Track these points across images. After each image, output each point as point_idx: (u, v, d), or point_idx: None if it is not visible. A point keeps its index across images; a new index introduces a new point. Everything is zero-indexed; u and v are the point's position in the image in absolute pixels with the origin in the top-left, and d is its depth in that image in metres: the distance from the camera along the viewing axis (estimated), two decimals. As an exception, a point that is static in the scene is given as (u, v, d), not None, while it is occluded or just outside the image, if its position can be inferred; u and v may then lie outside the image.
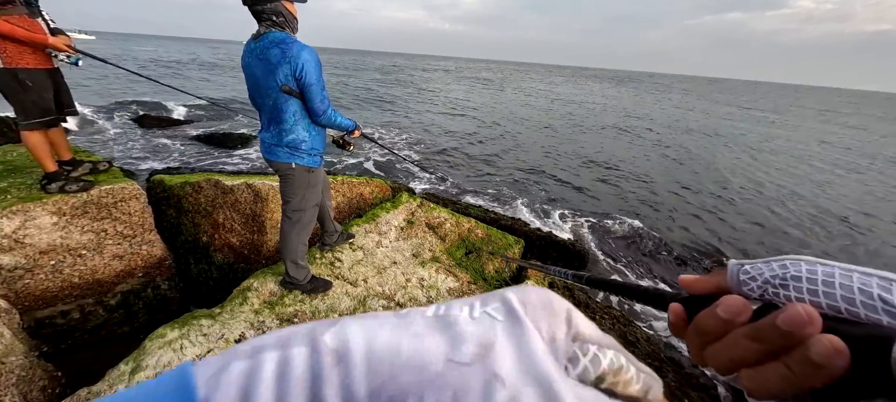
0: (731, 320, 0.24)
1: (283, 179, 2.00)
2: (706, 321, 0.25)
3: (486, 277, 3.05)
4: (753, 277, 0.25)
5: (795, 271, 0.23)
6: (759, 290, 0.25)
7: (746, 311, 0.24)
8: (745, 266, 0.26)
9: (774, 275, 0.24)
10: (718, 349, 0.24)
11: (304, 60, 1.71)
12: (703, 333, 0.25)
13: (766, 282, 0.24)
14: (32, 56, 2.20)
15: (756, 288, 0.25)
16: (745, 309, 0.24)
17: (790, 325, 0.20)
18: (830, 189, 9.74)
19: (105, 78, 18.07)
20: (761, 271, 0.25)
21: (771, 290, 0.24)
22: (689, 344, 0.27)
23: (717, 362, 0.25)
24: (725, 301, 0.24)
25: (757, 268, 0.25)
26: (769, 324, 0.21)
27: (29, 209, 2.25)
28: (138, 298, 2.72)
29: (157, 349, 1.74)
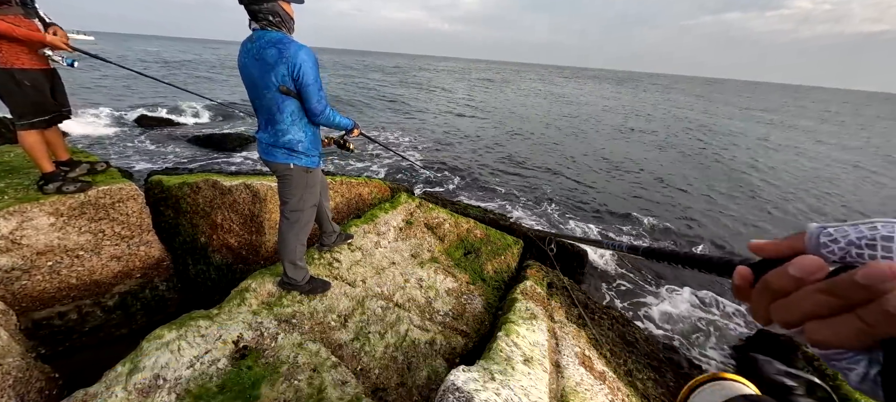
0: (804, 279, 0.23)
1: (281, 179, 2.00)
2: (777, 279, 0.25)
3: (485, 277, 3.04)
4: (836, 239, 0.24)
5: (887, 232, 0.23)
6: (840, 252, 0.24)
7: (821, 270, 0.23)
8: (828, 228, 0.25)
9: (861, 236, 0.23)
10: (787, 302, 0.24)
11: (302, 60, 1.70)
12: (772, 290, 0.25)
13: (851, 243, 0.24)
14: (28, 56, 2.19)
15: (837, 250, 0.24)
16: (820, 268, 0.23)
17: (871, 279, 0.20)
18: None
19: (104, 78, 18.05)
20: (846, 232, 0.24)
21: (855, 251, 0.23)
22: (753, 303, 0.27)
23: (783, 315, 0.24)
24: (799, 260, 0.24)
25: (841, 230, 0.25)
26: (847, 279, 0.21)
27: (26, 210, 2.24)
28: (136, 299, 2.72)
29: (155, 351, 1.73)
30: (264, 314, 2.12)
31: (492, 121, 16.55)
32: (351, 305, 2.36)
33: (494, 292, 2.91)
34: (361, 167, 8.49)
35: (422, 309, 2.51)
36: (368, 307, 2.37)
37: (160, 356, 1.71)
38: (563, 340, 2.28)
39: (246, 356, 1.83)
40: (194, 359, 1.74)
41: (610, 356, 2.46)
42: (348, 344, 2.11)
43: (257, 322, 2.04)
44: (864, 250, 0.23)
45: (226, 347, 1.84)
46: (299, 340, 1.97)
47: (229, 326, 1.96)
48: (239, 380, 1.69)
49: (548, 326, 2.35)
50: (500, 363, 1.75)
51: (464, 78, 48.60)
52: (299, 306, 2.24)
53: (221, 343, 1.85)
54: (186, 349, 1.77)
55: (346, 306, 2.35)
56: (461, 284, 2.84)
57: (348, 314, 2.29)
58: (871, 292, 0.20)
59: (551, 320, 2.46)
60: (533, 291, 2.68)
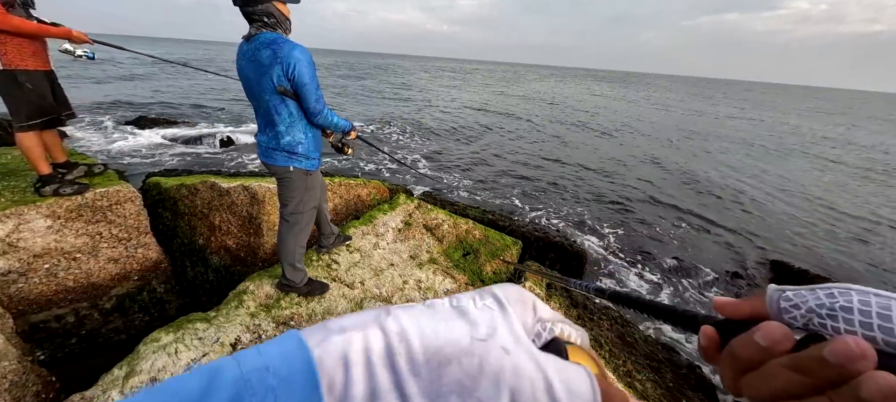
0: (771, 349, 0.22)
1: (281, 182, 1.99)
2: (743, 348, 0.24)
3: (484, 278, 3.04)
4: (796, 304, 0.23)
5: (845, 302, 0.21)
6: (802, 319, 0.23)
7: (788, 340, 0.22)
8: (787, 293, 0.24)
9: (820, 304, 0.22)
10: (756, 378, 0.23)
11: (296, 60, 1.69)
12: (739, 360, 0.24)
13: (811, 311, 0.22)
14: (32, 58, 2.19)
15: (799, 317, 0.23)
16: (786, 338, 0.22)
17: (839, 358, 0.19)
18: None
19: (101, 79, 18.01)
20: (805, 299, 0.23)
21: (816, 320, 0.22)
22: (722, 371, 0.26)
23: (754, 392, 0.23)
24: (765, 328, 0.23)
25: (800, 295, 0.23)
26: (815, 356, 0.20)
27: (23, 212, 2.23)
28: (134, 301, 2.71)
29: (152, 354, 1.73)
30: (262, 317, 2.11)
31: (489, 121, 16.56)
32: (349, 307, 2.36)
33: (493, 293, 2.91)
34: (360, 168, 8.49)
35: (420, 311, 2.51)
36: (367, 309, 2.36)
37: (157, 359, 1.71)
38: (562, 341, 2.28)
39: (244, 359, 1.82)
40: (192, 362, 1.73)
41: (609, 357, 2.46)
42: (347, 346, 2.10)
43: (255, 325, 2.03)
44: (827, 321, 0.22)
45: (223, 350, 1.84)
46: (297, 342, 1.96)
47: (227, 328, 1.95)
48: (237, 383, 1.69)
49: (547, 327, 2.34)
50: (498, 365, 1.75)
51: (461, 79, 48.64)
52: (298, 309, 2.24)
53: (219, 346, 1.84)
54: (184, 352, 1.77)
55: (345, 307, 2.34)
56: (460, 285, 2.84)
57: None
58: (840, 373, 0.19)
59: (550, 322, 2.46)
60: (531, 292, 2.67)
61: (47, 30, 2.17)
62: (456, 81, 43.20)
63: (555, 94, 34.92)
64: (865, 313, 0.21)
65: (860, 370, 0.19)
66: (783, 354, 0.22)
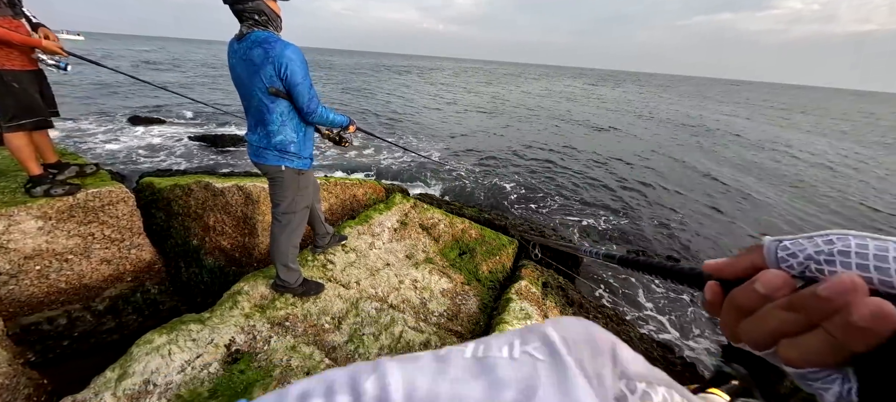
0: (770, 296, 0.23)
1: (272, 182, 1.98)
2: (743, 296, 0.25)
3: (480, 277, 3.04)
4: (793, 253, 0.24)
5: (843, 246, 0.22)
6: (799, 267, 0.23)
7: (787, 286, 0.23)
8: (785, 242, 0.25)
9: (819, 251, 0.23)
10: (753, 321, 0.24)
11: (288, 59, 1.67)
12: (739, 308, 0.25)
13: (809, 258, 0.23)
14: (19, 58, 2.16)
15: (796, 265, 0.24)
16: (786, 283, 0.23)
17: (831, 292, 0.20)
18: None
19: (95, 78, 17.83)
20: (803, 247, 0.24)
21: (813, 266, 0.23)
22: (722, 320, 0.27)
23: (752, 335, 0.24)
24: (764, 275, 0.24)
25: (798, 244, 0.24)
26: (809, 293, 0.21)
27: (13, 214, 2.20)
28: (127, 303, 2.68)
29: (145, 355, 1.71)
30: (257, 317, 2.10)
31: (487, 120, 16.56)
32: (345, 307, 2.35)
33: (489, 292, 2.91)
34: (358, 167, 8.46)
35: (416, 310, 2.51)
36: (363, 309, 2.36)
37: (150, 360, 1.69)
38: (558, 340, 2.29)
39: (238, 360, 1.81)
40: (185, 364, 1.72)
41: (604, 356, 2.47)
42: (342, 347, 2.09)
43: (250, 325, 2.02)
44: (824, 266, 0.22)
45: (217, 351, 1.82)
46: (292, 343, 1.96)
47: (221, 329, 1.94)
48: (231, 384, 1.68)
49: (542, 326, 2.35)
50: (494, 364, 1.75)
51: (458, 77, 48.62)
52: (292, 309, 2.23)
53: (213, 347, 1.83)
54: (177, 354, 1.75)
55: (340, 308, 2.33)
56: (456, 284, 2.84)
57: (342, 316, 2.28)
58: (834, 306, 0.20)
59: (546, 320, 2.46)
60: (527, 291, 2.68)
61: (10, 36, 2.04)
62: (452, 79, 43.18)
63: (550, 92, 34.99)
64: (862, 255, 0.21)
65: (851, 301, 0.19)
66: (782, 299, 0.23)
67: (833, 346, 0.20)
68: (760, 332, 0.23)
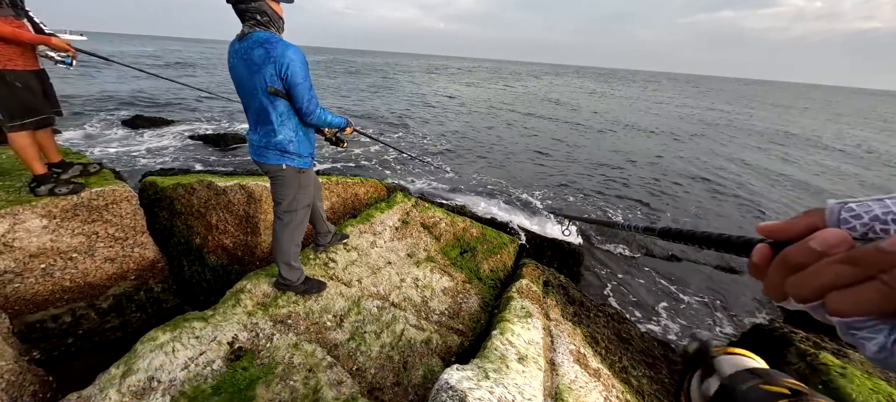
0: (826, 252, 0.23)
1: (274, 180, 1.99)
2: (797, 253, 0.25)
3: (481, 276, 3.05)
4: (858, 214, 0.24)
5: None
6: (862, 228, 0.23)
7: (845, 243, 0.23)
8: (850, 204, 0.24)
9: (887, 212, 0.23)
10: (805, 275, 0.24)
11: (289, 60, 1.68)
12: (791, 265, 0.25)
13: (876, 219, 0.23)
14: (21, 58, 2.17)
15: (859, 226, 0.23)
16: (844, 241, 0.23)
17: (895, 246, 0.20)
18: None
19: (96, 79, 17.89)
20: (870, 208, 0.23)
21: (879, 227, 0.23)
22: (769, 279, 0.27)
23: (801, 289, 0.24)
24: (823, 233, 0.24)
25: (864, 206, 0.24)
26: (872, 248, 0.21)
27: (18, 212, 2.22)
28: (131, 301, 2.70)
29: (149, 353, 1.73)
30: (259, 315, 2.11)
31: (488, 119, 16.55)
32: (347, 305, 2.36)
33: (490, 290, 2.92)
34: (358, 167, 8.48)
35: (418, 308, 2.52)
36: (364, 307, 2.37)
37: (154, 357, 1.71)
38: (558, 338, 2.30)
39: (241, 358, 1.83)
40: (189, 361, 1.74)
41: (605, 354, 2.47)
42: (344, 344, 2.11)
43: (252, 323, 2.03)
44: (890, 226, 0.22)
45: (220, 348, 1.84)
46: (295, 340, 1.97)
47: (224, 327, 1.96)
48: (234, 381, 1.69)
49: (543, 324, 2.36)
50: (494, 362, 1.76)
51: (458, 76, 48.57)
52: (295, 307, 2.24)
53: (216, 345, 1.85)
54: (181, 351, 1.77)
55: (342, 306, 2.35)
56: (457, 283, 2.85)
57: (344, 315, 2.29)
58: (894, 261, 0.20)
59: (546, 319, 2.47)
60: (528, 289, 2.69)
61: (19, 34, 2.08)
62: (453, 78, 43.13)
63: (550, 90, 34.92)
64: None
65: None
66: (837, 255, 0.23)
67: (887, 296, 0.20)
68: (811, 285, 0.23)
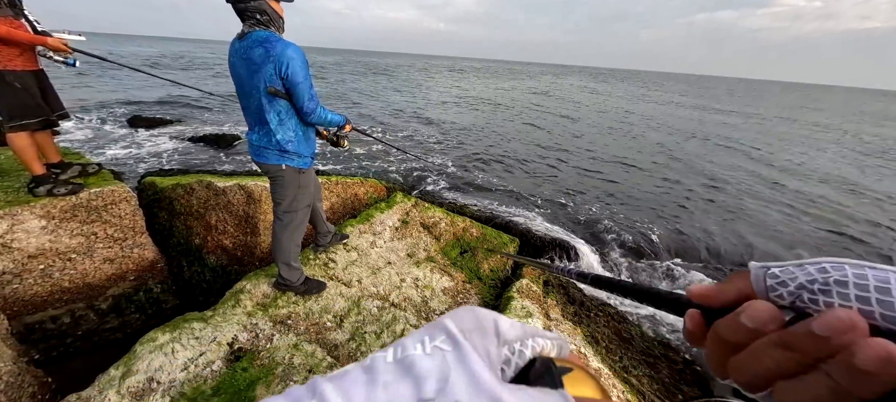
0: (758, 330, 0.21)
1: (273, 181, 1.99)
2: (728, 329, 0.22)
3: (481, 276, 3.05)
4: (783, 281, 0.22)
5: (839, 276, 0.20)
6: (790, 297, 0.22)
7: (776, 320, 0.21)
8: (773, 269, 0.22)
9: (812, 280, 0.21)
10: (744, 359, 0.22)
11: (289, 59, 1.67)
12: (724, 343, 0.23)
13: (801, 288, 0.21)
14: (20, 58, 2.17)
15: (787, 294, 0.22)
16: (774, 317, 0.21)
17: (828, 330, 0.18)
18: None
19: (95, 78, 17.86)
20: (794, 275, 0.22)
21: (806, 296, 0.21)
22: (707, 355, 0.24)
23: (743, 375, 0.22)
24: (752, 307, 0.21)
25: (788, 271, 0.22)
26: (803, 331, 0.19)
27: (16, 213, 2.22)
28: (130, 301, 2.70)
29: (148, 354, 1.72)
30: (259, 316, 2.11)
31: (488, 118, 16.55)
32: (347, 305, 2.36)
33: (490, 290, 2.91)
34: (357, 167, 8.47)
35: (418, 309, 2.51)
36: (364, 308, 2.37)
37: (154, 358, 1.70)
38: (559, 338, 2.29)
39: (241, 358, 1.82)
40: (188, 361, 1.73)
41: (605, 354, 2.47)
42: (344, 345, 2.10)
43: (252, 324, 2.03)
44: (818, 296, 0.20)
45: (220, 349, 1.83)
46: (295, 341, 1.97)
47: (224, 328, 1.95)
48: (233, 382, 1.69)
49: (543, 324, 2.35)
50: (495, 362, 1.75)
51: (459, 76, 48.58)
52: (294, 307, 2.24)
53: (216, 345, 1.84)
54: (180, 352, 1.76)
55: (342, 306, 2.34)
56: (457, 283, 2.84)
57: (344, 315, 2.29)
58: (833, 346, 0.18)
59: (547, 318, 2.47)
60: (528, 289, 2.68)
61: (14, 34, 2.07)
62: (452, 78, 43.14)
63: (550, 90, 34.94)
64: (862, 286, 0.19)
65: (852, 341, 0.18)
66: (771, 334, 0.21)
67: (836, 391, 0.18)
68: (752, 371, 0.21)
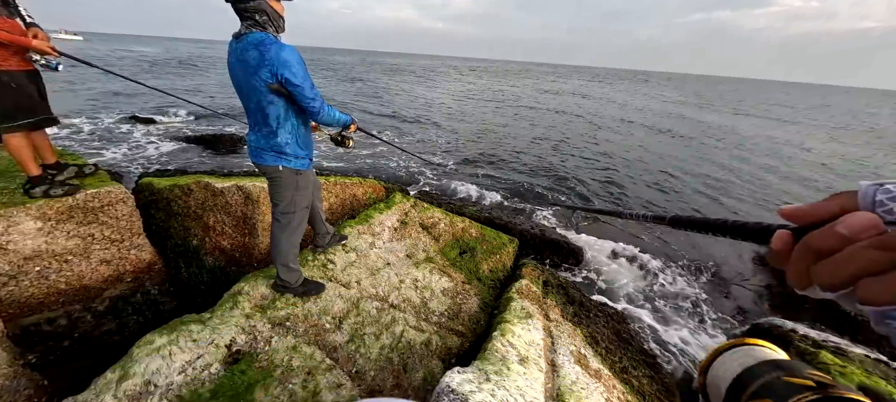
0: (855, 237, 0.22)
1: (271, 182, 1.97)
2: (822, 238, 0.23)
3: (481, 276, 3.04)
4: (895, 196, 0.23)
5: None
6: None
7: (876, 227, 0.22)
8: (887, 185, 0.23)
9: None
10: (834, 261, 0.23)
11: (284, 62, 1.64)
12: (815, 251, 0.24)
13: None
14: (15, 58, 2.15)
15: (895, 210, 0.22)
16: (875, 225, 0.22)
17: None
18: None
19: (93, 78, 17.79)
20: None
21: None
22: (791, 266, 0.25)
23: (829, 277, 0.23)
24: (851, 217, 0.22)
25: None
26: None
27: (12, 215, 2.19)
28: (127, 303, 2.68)
29: (145, 356, 1.71)
30: (258, 318, 2.10)
31: (488, 118, 16.55)
32: (346, 306, 2.34)
33: (490, 291, 2.91)
34: (358, 166, 8.45)
35: (417, 310, 2.50)
36: (363, 309, 2.36)
37: (151, 361, 1.69)
38: (559, 338, 2.29)
39: (239, 361, 1.81)
40: (186, 364, 1.72)
41: (605, 354, 2.47)
42: (343, 346, 2.09)
43: (251, 326, 2.02)
44: None
45: (218, 351, 1.82)
46: (293, 343, 1.95)
47: (222, 330, 1.94)
48: (232, 385, 1.67)
49: (543, 324, 2.35)
50: (495, 364, 1.75)
51: (458, 76, 48.58)
52: (293, 309, 2.22)
53: (214, 348, 1.83)
54: (178, 355, 1.75)
55: (341, 307, 2.33)
56: (457, 284, 2.83)
57: (343, 316, 2.28)
58: None
59: (547, 319, 2.46)
60: (528, 290, 2.68)
61: (4, 36, 2.04)
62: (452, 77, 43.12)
63: (550, 89, 34.97)
64: None
65: None
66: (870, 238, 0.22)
67: None
68: (841, 272, 0.22)
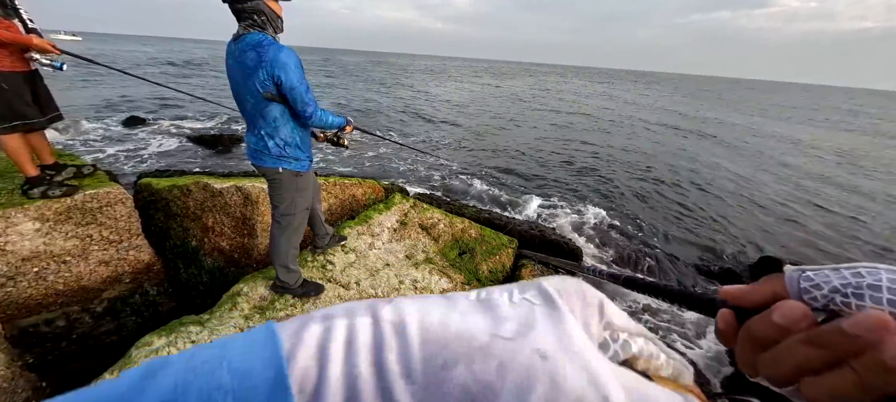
0: (789, 328, 0.22)
1: (271, 183, 1.97)
2: (760, 328, 0.24)
3: (480, 277, 3.04)
4: (817, 285, 0.23)
5: (874, 280, 0.21)
6: (823, 300, 0.23)
7: (807, 319, 0.22)
8: (808, 273, 0.24)
9: (846, 283, 0.22)
10: (774, 356, 0.23)
11: (282, 64, 1.63)
12: (756, 340, 0.24)
13: (835, 291, 0.22)
14: (8, 59, 2.13)
15: (820, 297, 0.23)
16: (805, 316, 0.22)
17: (861, 329, 0.19)
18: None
19: (92, 79, 17.78)
20: (828, 278, 0.23)
21: (839, 300, 0.22)
22: (738, 352, 0.26)
23: (772, 370, 0.23)
24: (784, 306, 0.23)
25: (822, 275, 0.23)
26: (835, 329, 0.20)
27: (10, 216, 2.19)
28: (126, 304, 2.67)
29: (144, 358, 1.70)
30: (257, 319, 2.09)
31: (487, 117, 16.56)
32: (345, 307, 2.34)
33: (489, 292, 2.90)
34: (357, 167, 8.45)
35: (416, 310, 2.50)
36: (362, 310, 2.35)
37: (149, 363, 1.68)
38: (558, 339, 2.29)
39: (238, 362, 1.80)
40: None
41: (605, 355, 2.47)
42: (342, 347, 2.09)
43: (249, 327, 2.01)
44: (851, 299, 0.21)
45: (217, 353, 1.81)
46: (292, 344, 1.95)
47: (221, 331, 1.93)
48: (231, 386, 1.67)
49: (543, 325, 2.34)
50: (494, 365, 1.74)
51: (457, 76, 48.61)
52: (292, 310, 2.22)
53: (213, 349, 1.82)
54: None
55: (340, 308, 2.32)
56: (456, 284, 2.83)
57: (342, 317, 2.27)
58: (861, 344, 0.19)
59: (546, 320, 2.46)
60: (528, 290, 2.67)
61: (14, 39, 2.06)
62: (452, 77, 43.15)
63: (550, 89, 35.01)
64: (895, 290, 0.20)
65: (882, 339, 0.18)
66: (801, 332, 0.22)
67: (862, 386, 0.19)
68: (781, 367, 0.22)
